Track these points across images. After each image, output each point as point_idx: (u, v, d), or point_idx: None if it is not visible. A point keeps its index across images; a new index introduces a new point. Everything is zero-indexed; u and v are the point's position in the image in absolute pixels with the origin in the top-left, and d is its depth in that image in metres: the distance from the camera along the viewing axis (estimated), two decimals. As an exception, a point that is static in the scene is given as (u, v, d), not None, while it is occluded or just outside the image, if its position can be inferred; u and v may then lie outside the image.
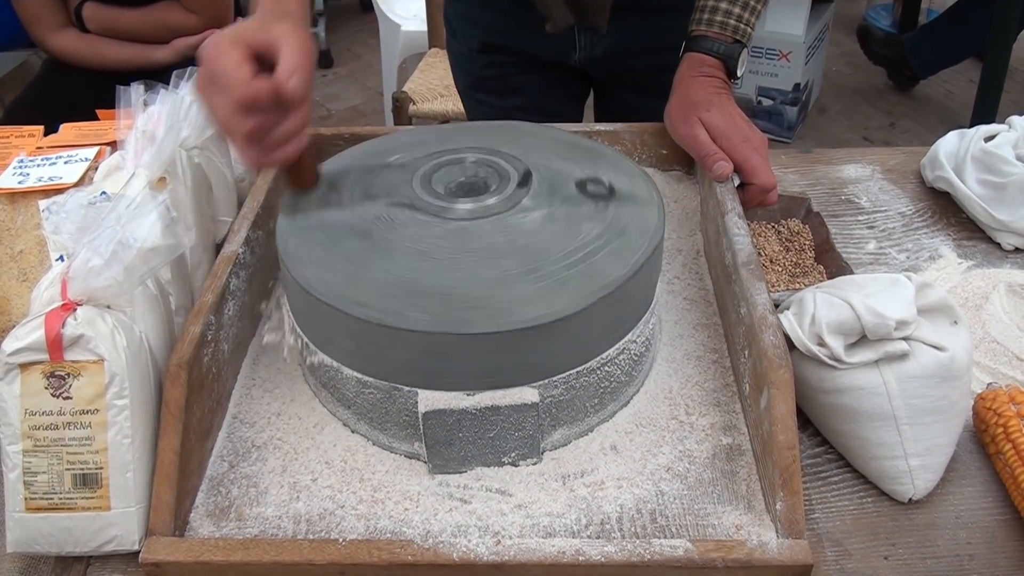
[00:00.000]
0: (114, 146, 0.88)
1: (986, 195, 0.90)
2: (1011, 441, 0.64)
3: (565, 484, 0.64)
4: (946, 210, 0.95)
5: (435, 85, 2.09)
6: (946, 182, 0.94)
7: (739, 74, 0.89)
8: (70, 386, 0.60)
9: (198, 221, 0.80)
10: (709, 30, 0.88)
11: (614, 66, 1.12)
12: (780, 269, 0.87)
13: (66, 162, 0.84)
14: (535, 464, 0.65)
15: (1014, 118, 0.93)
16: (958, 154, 0.94)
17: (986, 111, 2.27)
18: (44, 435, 0.60)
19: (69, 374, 0.60)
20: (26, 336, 0.60)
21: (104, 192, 0.72)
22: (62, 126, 0.94)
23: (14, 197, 0.82)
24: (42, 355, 0.60)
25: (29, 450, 0.60)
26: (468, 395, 0.62)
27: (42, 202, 0.77)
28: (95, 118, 0.96)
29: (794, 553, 0.56)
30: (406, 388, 0.63)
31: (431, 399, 0.62)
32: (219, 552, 0.57)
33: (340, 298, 0.62)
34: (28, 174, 0.83)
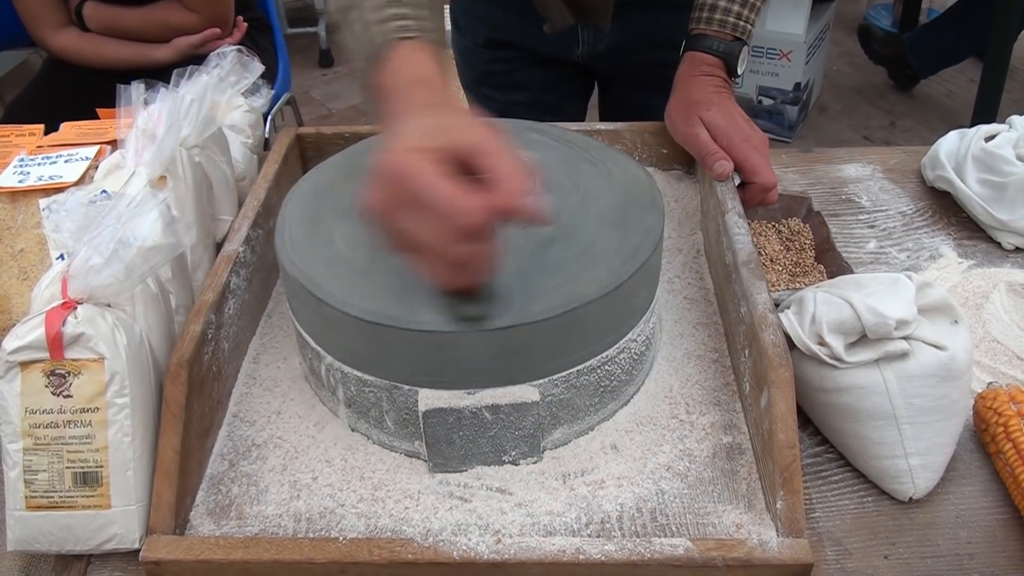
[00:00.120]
0: (114, 145, 0.88)
1: (986, 195, 0.90)
2: (1011, 440, 0.64)
3: (565, 483, 0.64)
4: (946, 210, 0.95)
5: (435, 84, 2.08)
6: (946, 182, 0.94)
7: (740, 72, 0.89)
8: (70, 384, 0.60)
9: (198, 220, 0.80)
10: (709, 28, 0.88)
11: (617, 62, 1.12)
12: (780, 268, 0.87)
13: (66, 161, 0.84)
14: (535, 463, 0.65)
15: (1014, 118, 0.93)
16: (958, 154, 0.94)
17: (987, 110, 2.27)
18: (44, 433, 0.60)
19: (69, 372, 0.60)
20: (26, 334, 0.60)
21: (104, 191, 0.71)
22: (62, 125, 0.94)
23: (14, 196, 0.82)
24: (42, 353, 0.60)
25: (29, 448, 0.60)
26: (468, 394, 0.61)
27: (42, 201, 0.77)
28: (95, 117, 0.95)
29: (794, 552, 0.56)
30: (406, 387, 0.62)
31: (431, 398, 0.62)
32: (219, 550, 0.57)
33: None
34: (28, 173, 0.83)
